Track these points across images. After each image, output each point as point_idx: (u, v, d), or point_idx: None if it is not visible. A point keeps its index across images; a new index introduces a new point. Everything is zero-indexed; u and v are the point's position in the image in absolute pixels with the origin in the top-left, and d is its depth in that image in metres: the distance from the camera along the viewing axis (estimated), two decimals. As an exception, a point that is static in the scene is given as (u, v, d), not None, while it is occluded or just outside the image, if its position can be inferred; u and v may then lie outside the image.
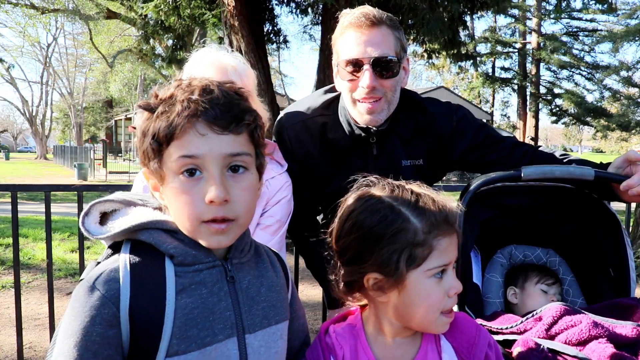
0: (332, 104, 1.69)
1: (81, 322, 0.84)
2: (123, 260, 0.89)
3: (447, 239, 0.98)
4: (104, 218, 0.97)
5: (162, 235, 0.91)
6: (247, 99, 0.93)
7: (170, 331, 0.87)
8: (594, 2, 18.64)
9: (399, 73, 1.54)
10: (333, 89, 1.71)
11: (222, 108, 0.86)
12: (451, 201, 1.02)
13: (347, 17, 1.52)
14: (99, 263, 0.93)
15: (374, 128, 1.60)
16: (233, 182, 0.88)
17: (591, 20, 21.73)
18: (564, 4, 20.65)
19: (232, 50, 1.67)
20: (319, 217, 1.89)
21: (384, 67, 1.49)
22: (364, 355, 1.04)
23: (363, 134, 1.61)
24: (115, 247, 0.94)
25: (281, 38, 7.76)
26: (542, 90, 24.35)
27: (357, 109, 1.56)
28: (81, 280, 0.90)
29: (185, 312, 0.88)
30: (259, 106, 1.70)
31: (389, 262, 0.96)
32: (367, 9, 1.51)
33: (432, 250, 0.96)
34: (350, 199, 1.06)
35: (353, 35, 1.50)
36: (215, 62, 1.57)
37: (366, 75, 1.48)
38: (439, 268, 0.97)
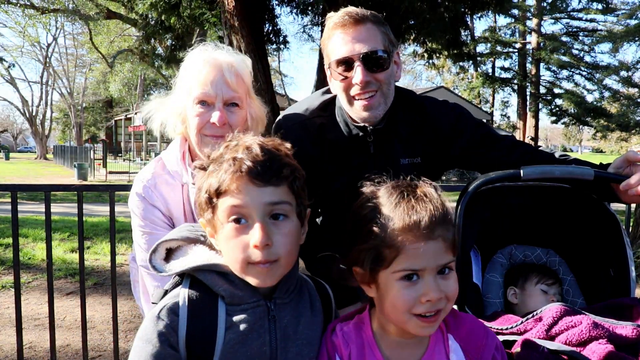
0: (329, 105, 1.69)
1: (153, 347, 0.97)
2: (183, 295, 1.04)
3: (421, 245, 0.96)
4: (169, 253, 1.12)
5: (214, 278, 1.04)
6: (287, 154, 1.05)
7: None
8: (594, 1, 18.63)
9: (390, 66, 1.55)
10: (330, 90, 1.71)
11: (261, 164, 0.98)
12: (438, 207, 1.00)
13: (332, 19, 1.54)
14: (166, 291, 1.09)
15: (371, 127, 1.60)
16: (274, 228, 1.00)
17: (591, 20, 21.75)
18: (562, 4, 20.64)
19: (224, 49, 1.65)
20: (318, 220, 1.88)
21: (375, 62, 1.50)
22: (371, 354, 1.05)
23: (360, 133, 1.62)
24: (181, 275, 1.09)
25: (281, 38, 7.76)
26: (542, 90, 24.35)
27: (354, 107, 1.57)
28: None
29: (227, 347, 1.00)
30: (256, 102, 1.70)
31: (358, 259, 1.02)
32: (349, 8, 1.53)
33: (399, 253, 0.97)
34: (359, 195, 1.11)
35: (340, 36, 1.52)
36: (210, 59, 1.56)
37: (358, 72, 1.50)
38: (406, 271, 0.97)
